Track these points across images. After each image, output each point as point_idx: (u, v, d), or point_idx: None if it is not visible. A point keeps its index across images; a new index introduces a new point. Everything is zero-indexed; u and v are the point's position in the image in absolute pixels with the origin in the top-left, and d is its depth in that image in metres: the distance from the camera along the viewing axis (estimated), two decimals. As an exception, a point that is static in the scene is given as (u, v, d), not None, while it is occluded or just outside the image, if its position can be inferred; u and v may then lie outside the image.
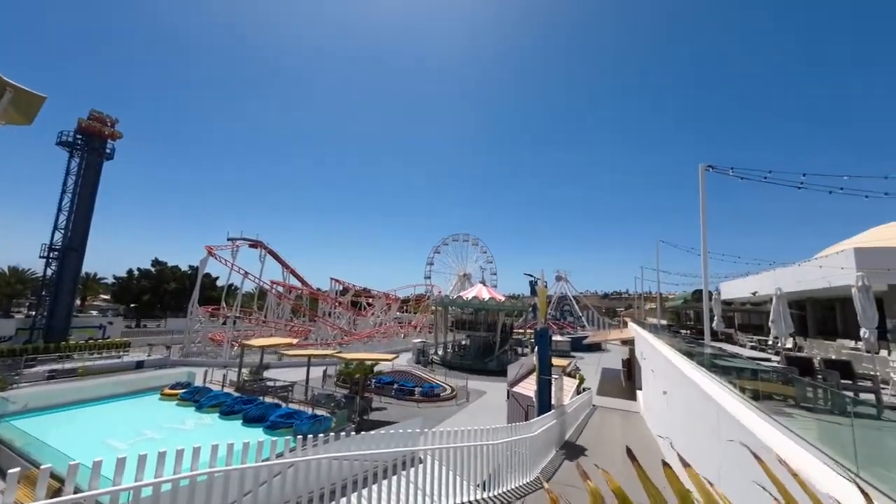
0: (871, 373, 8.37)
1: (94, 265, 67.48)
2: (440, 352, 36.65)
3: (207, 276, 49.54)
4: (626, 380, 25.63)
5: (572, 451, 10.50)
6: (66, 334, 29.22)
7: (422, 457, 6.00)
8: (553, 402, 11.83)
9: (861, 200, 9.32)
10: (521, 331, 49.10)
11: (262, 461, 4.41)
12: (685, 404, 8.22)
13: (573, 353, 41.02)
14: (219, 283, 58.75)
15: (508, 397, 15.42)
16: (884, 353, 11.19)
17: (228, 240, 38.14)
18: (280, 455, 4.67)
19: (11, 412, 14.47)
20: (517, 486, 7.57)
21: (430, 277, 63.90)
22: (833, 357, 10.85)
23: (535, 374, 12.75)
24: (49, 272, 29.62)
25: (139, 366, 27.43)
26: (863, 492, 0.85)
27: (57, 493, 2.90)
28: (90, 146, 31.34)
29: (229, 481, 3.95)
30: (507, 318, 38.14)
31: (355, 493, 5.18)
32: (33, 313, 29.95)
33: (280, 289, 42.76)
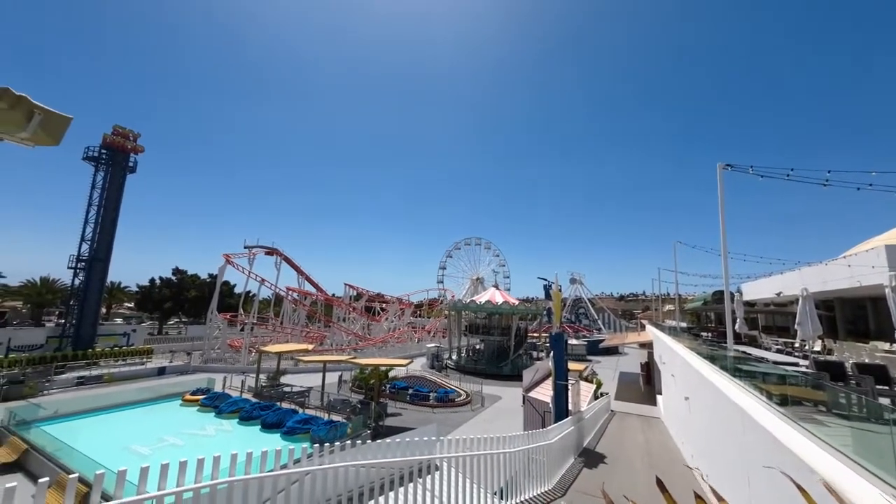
0: (909, 377, 7.93)
1: (118, 274, 69.95)
2: (454, 356, 36.50)
3: (226, 283, 50.62)
4: (646, 384, 25.01)
5: (591, 458, 10.27)
6: (93, 342, 30.24)
7: (438, 464, 5.96)
8: (570, 407, 11.63)
9: (887, 198, 8.91)
10: (535, 335, 48.54)
11: (280, 468, 4.45)
12: (708, 410, 7.96)
13: (589, 357, 40.30)
14: (236, 290, 60.03)
15: (524, 403, 15.21)
16: (922, 355, 10.63)
17: (245, 247, 38.95)
18: (297, 462, 4.70)
19: (42, 418, 15.05)
20: (535, 494, 7.44)
21: (442, 282, 63.91)
22: (866, 361, 10.36)
23: (550, 378, 12.56)
24: (77, 282, 30.76)
25: (161, 372, 28.18)
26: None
27: (85, 497, 2.99)
28: (114, 160, 32.56)
29: (248, 489, 3.99)
30: (521, 322, 37.78)
31: (372, 501, 5.17)
32: (62, 322, 31.08)
33: (295, 295, 43.38)
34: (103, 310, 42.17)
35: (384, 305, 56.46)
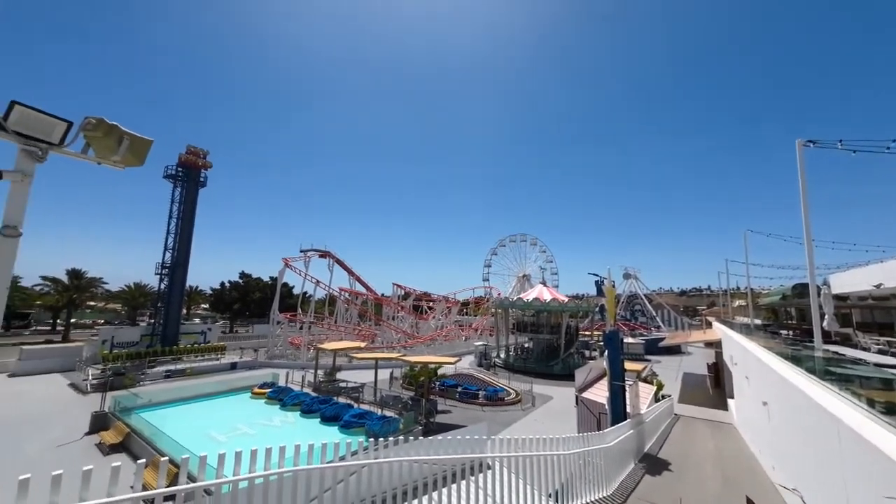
0: None
1: (195, 279, 77.90)
2: (502, 355, 36.12)
3: (284, 285, 54.25)
4: (714, 386, 23.00)
5: (654, 464, 9.63)
6: (177, 339, 34.02)
7: (490, 463, 5.91)
8: (629, 409, 10.99)
9: None
10: (587, 333, 46.57)
11: (339, 459, 4.67)
12: (792, 417, 7.10)
13: (648, 357, 37.89)
14: (294, 291, 64.25)
15: (577, 403, 14.64)
16: None
17: (301, 251, 41.51)
18: (354, 455, 4.91)
19: (140, 405, 17.21)
20: (593, 499, 7.13)
21: (488, 279, 63.41)
22: None
23: (605, 379, 11.95)
24: (163, 286, 34.76)
25: (233, 367, 30.98)
26: None
27: (175, 477, 3.39)
28: (189, 177, 36.29)
29: (311, 478, 4.24)
30: (572, 320, 36.41)
31: (426, 496, 5.25)
32: (152, 322, 35.29)
33: (347, 295, 45.47)
34: (184, 311, 47.19)
35: (431, 304, 57.31)
